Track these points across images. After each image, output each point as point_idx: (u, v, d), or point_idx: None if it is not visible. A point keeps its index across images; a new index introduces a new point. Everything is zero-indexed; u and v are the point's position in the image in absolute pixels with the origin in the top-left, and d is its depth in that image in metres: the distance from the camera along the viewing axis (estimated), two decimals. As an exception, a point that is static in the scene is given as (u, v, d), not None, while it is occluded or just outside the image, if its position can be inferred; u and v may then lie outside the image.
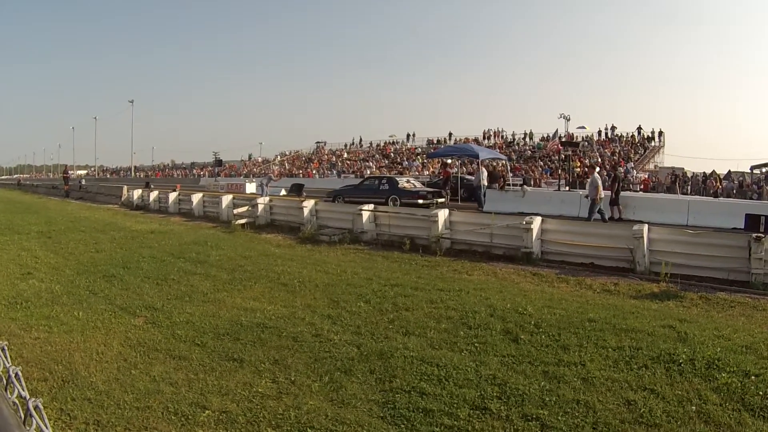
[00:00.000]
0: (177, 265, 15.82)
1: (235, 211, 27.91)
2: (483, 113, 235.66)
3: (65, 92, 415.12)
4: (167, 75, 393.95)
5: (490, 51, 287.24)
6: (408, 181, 34.81)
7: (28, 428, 1.38)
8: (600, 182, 23.97)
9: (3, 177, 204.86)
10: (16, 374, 1.68)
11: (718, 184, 46.62)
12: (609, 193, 27.07)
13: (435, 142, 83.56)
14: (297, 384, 7.50)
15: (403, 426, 6.27)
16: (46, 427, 1.41)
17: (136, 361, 8.48)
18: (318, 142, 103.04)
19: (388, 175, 47.91)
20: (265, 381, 7.62)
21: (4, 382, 1.65)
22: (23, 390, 1.58)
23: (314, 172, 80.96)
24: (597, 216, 23.30)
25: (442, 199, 32.02)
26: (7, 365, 1.73)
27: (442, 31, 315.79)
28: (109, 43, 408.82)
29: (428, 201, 30.37)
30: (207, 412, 6.71)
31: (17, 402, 1.58)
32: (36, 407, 1.46)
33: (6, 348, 1.87)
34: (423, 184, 37.18)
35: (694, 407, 6.50)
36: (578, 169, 51.10)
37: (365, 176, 52.16)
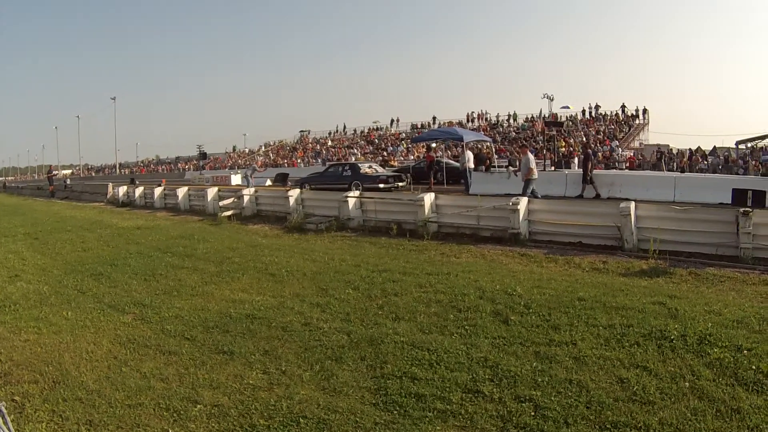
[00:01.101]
0: (164, 260, 15.76)
1: (221, 204, 28.05)
2: (466, 96, 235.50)
3: (46, 92, 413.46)
4: (148, 70, 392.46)
5: (470, 31, 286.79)
6: (370, 167, 37.15)
7: None
8: (533, 163, 24.07)
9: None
10: None
11: (700, 159, 46.90)
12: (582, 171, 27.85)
13: (419, 126, 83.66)
14: (288, 374, 7.47)
15: (395, 412, 6.23)
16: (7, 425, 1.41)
17: (127, 359, 8.44)
18: (302, 131, 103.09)
19: (350, 162, 50.14)
20: (255, 372, 7.58)
21: None
22: None
23: (299, 161, 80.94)
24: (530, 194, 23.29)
25: (403, 183, 34.17)
26: None
27: (421, 12, 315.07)
28: (87, 40, 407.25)
29: (389, 185, 33.12)
30: (199, 406, 6.67)
31: None
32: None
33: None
34: (387, 168, 41.39)
35: (687, 383, 6.48)
36: (563, 149, 51.18)
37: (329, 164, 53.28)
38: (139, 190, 39.11)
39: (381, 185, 32.41)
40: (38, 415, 6.69)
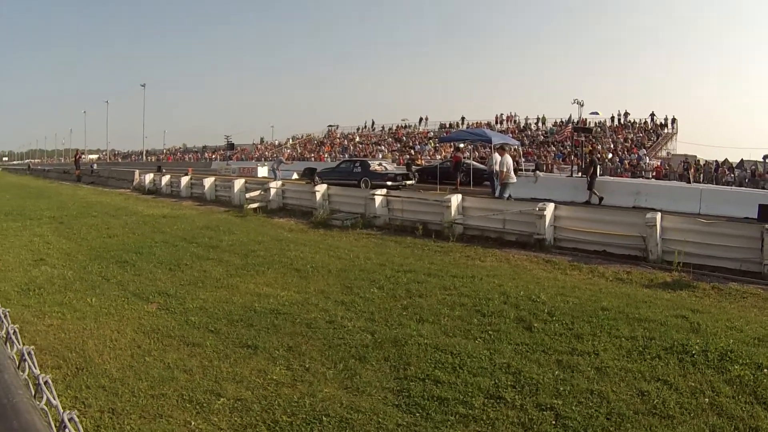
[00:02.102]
0: (189, 250, 15.84)
1: (248, 195, 28.10)
2: (495, 97, 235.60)
3: (77, 77, 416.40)
4: (179, 58, 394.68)
5: (502, 33, 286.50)
6: (380, 164, 39.02)
7: (39, 402, 1.41)
8: (508, 165, 24.29)
9: (14, 162, 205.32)
10: (29, 353, 1.69)
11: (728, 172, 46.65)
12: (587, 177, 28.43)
13: (448, 126, 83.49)
14: (311, 371, 7.49)
15: (417, 415, 6.27)
16: (54, 398, 1.44)
17: (150, 348, 8.47)
18: (330, 126, 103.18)
19: (361, 158, 51.60)
20: (279, 368, 7.61)
21: (17, 362, 1.66)
22: (35, 368, 1.61)
23: (326, 155, 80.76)
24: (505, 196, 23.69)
25: (411, 181, 35.14)
26: (20, 346, 1.74)
27: (451, 11, 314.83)
28: (119, 25, 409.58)
29: (397, 183, 33.84)
30: (222, 399, 6.70)
31: (28, 379, 1.60)
32: (46, 382, 1.48)
33: (17, 331, 1.88)
34: (399, 166, 44.88)
35: (707, 399, 6.50)
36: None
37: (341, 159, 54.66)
38: (165, 179, 39.38)
39: (389, 182, 32.81)
40: (60, 401, 6.70)
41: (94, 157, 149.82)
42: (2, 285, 12.23)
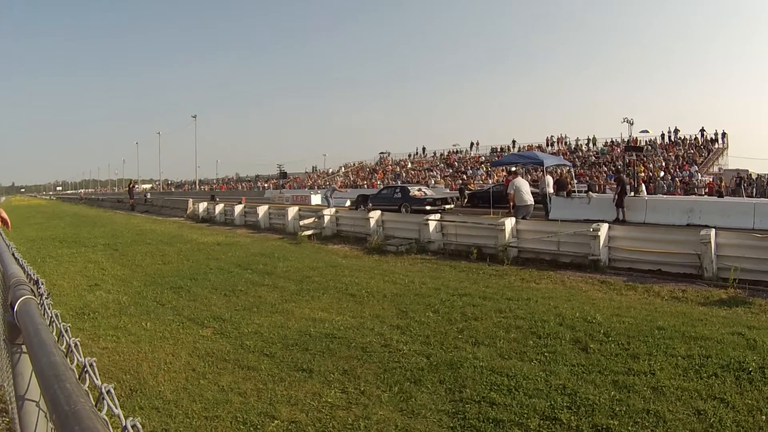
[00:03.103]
0: (244, 277, 16.02)
1: (302, 223, 28.41)
2: (545, 119, 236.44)
3: (130, 108, 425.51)
4: (230, 88, 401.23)
5: (552, 56, 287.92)
6: (419, 190, 39.30)
7: (100, 411, 1.42)
8: (516, 188, 23.98)
9: (68, 192, 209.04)
10: (91, 364, 1.71)
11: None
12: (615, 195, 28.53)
13: (498, 150, 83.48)
14: (366, 394, 7.54)
15: (473, 436, 6.22)
16: (116, 407, 1.45)
17: (205, 371, 8.60)
18: (382, 153, 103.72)
19: (401, 184, 51.36)
20: (334, 391, 7.66)
21: (77, 375, 1.67)
22: (96, 378, 1.62)
23: (379, 182, 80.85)
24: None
25: (450, 206, 35.98)
26: (81, 359, 1.76)
27: (502, 37, 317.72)
28: (171, 57, 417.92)
29: (436, 207, 34.55)
30: (276, 422, 6.77)
31: (88, 390, 1.61)
32: (108, 392, 1.49)
33: (78, 344, 1.90)
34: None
35: (764, 417, 6.46)
36: (642, 174, 50.62)
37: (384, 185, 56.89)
38: (219, 207, 39.81)
39: (428, 207, 34.09)
40: (113, 421, 6.77)
41: (148, 186, 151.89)
42: (57, 309, 12.28)
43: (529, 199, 23.67)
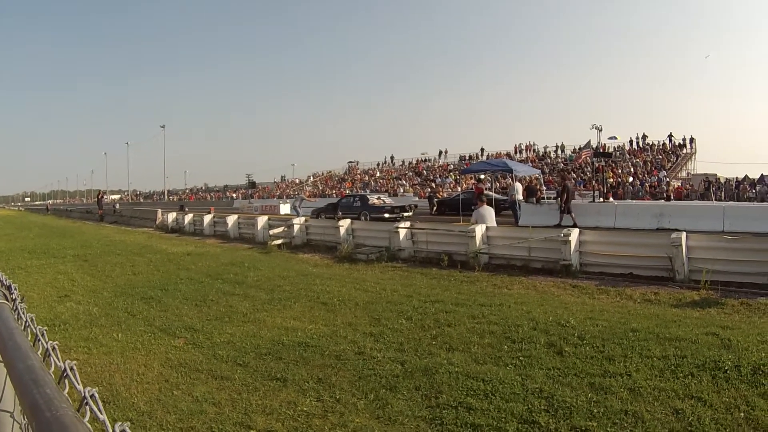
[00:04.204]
0: (215, 286, 15.92)
1: (271, 232, 28.39)
2: (514, 126, 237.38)
3: (98, 118, 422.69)
4: (198, 99, 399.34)
5: (521, 60, 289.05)
6: (378, 198, 41.48)
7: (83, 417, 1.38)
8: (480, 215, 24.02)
9: (36, 203, 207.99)
10: (71, 368, 1.67)
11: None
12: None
13: (467, 158, 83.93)
14: (342, 402, 7.48)
15: (452, 441, 6.21)
16: (101, 412, 1.41)
17: (178, 382, 8.50)
18: (350, 162, 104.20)
19: (360, 193, 53.71)
20: (309, 400, 7.60)
21: (56, 379, 1.64)
22: (78, 383, 1.59)
23: (347, 191, 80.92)
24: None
25: (408, 213, 37.10)
26: (59, 363, 1.72)
27: (469, 44, 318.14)
28: (139, 68, 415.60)
29: (394, 215, 36.42)
30: (252, 431, 6.68)
31: (68, 396, 1.57)
32: (92, 396, 1.46)
33: (56, 347, 1.85)
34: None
35: (742, 414, 6.48)
36: (611, 180, 51.11)
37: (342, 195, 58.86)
38: (188, 217, 39.59)
39: (386, 215, 36.12)
40: (97, 427, 6.69)
41: (116, 197, 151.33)
42: (28, 319, 12.27)
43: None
